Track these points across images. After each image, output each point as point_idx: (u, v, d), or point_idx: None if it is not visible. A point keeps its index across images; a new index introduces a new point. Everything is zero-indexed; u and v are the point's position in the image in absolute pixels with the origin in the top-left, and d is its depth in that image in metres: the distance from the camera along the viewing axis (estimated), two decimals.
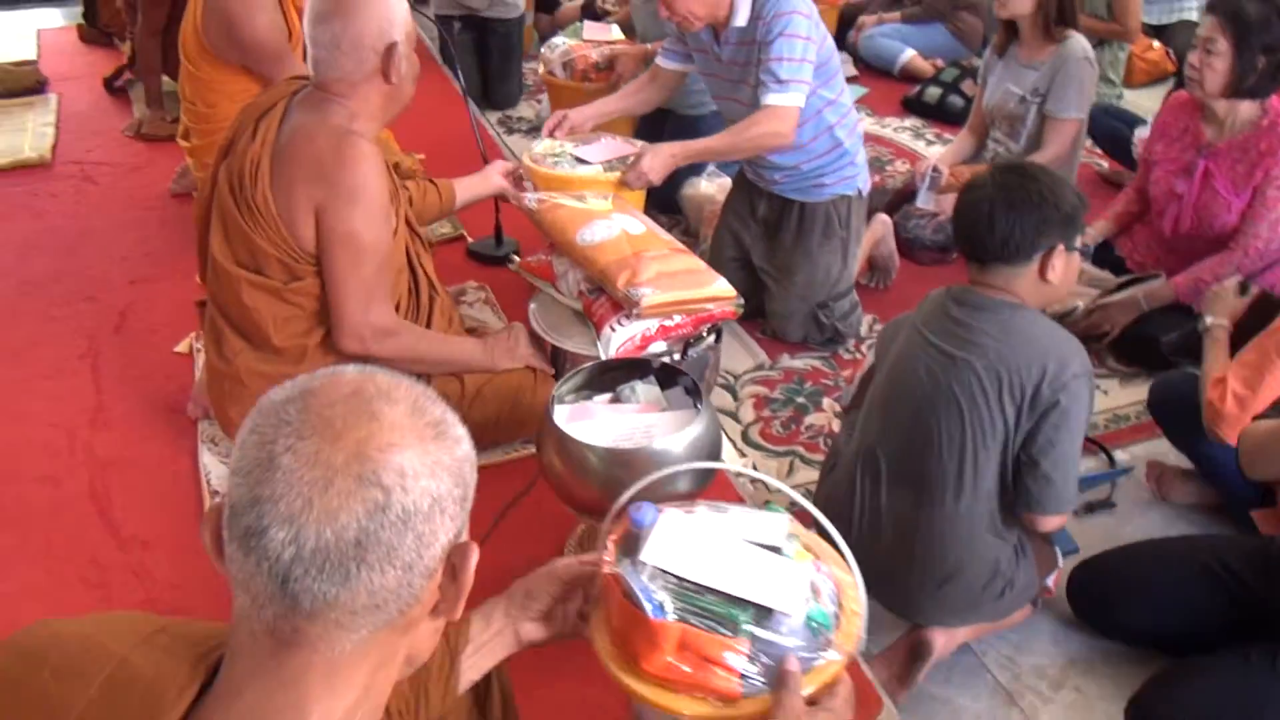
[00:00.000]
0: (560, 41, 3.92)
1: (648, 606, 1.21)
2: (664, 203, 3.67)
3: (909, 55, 4.91)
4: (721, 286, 2.27)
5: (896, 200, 3.56)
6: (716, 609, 1.21)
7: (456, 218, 3.44)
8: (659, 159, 2.65)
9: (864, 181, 2.98)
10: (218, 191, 2.13)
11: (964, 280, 1.91)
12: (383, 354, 2.17)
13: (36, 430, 2.51)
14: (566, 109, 2.97)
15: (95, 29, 5.02)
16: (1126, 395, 2.86)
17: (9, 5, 5.99)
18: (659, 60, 2.95)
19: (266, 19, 2.82)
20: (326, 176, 2.02)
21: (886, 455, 1.87)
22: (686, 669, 1.19)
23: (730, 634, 1.20)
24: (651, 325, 2.22)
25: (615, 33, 3.98)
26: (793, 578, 1.26)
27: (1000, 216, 1.77)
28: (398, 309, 2.26)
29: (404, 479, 0.83)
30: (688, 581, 1.24)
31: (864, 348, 3.03)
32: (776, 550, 1.31)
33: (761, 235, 3.05)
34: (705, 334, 2.29)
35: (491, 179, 2.70)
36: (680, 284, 2.22)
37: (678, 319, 2.24)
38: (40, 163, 3.87)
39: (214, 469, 2.35)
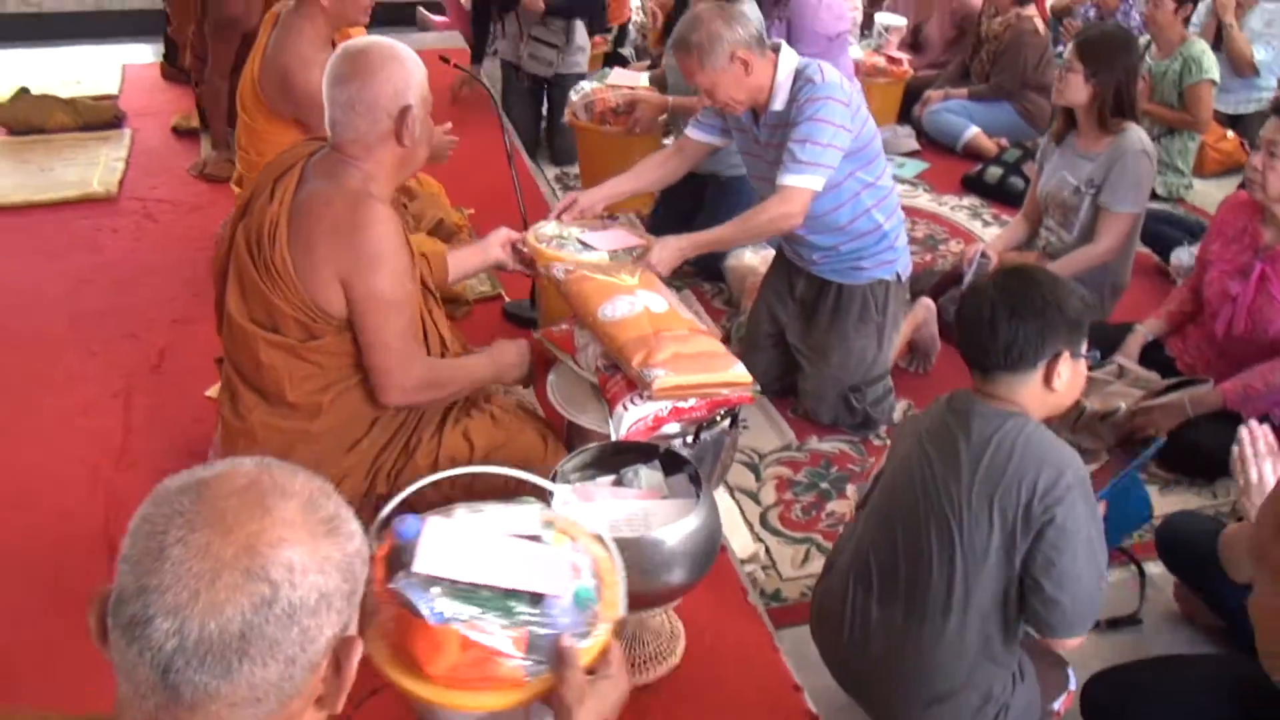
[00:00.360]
0: (586, 85, 3.97)
1: (427, 613, 1.26)
2: (709, 270, 3.67)
3: (973, 133, 4.85)
4: (738, 372, 2.24)
5: (943, 283, 3.49)
6: (492, 604, 1.30)
7: (495, 276, 3.47)
8: (667, 253, 2.62)
9: (904, 266, 2.94)
10: (235, 250, 2.16)
11: None
12: (422, 401, 2.25)
13: (62, 465, 2.56)
14: (578, 192, 2.91)
15: (175, 68, 5.19)
16: (1166, 504, 2.75)
17: (99, 39, 6.24)
18: (689, 131, 2.91)
19: (319, 74, 2.87)
20: (348, 245, 2.04)
21: (879, 565, 1.81)
22: (471, 666, 1.26)
23: (508, 624, 1.28)
24: (665, 407, 2.19)
25: (643, 80, 3.99)
26: (555, 561, 1.39)
27: (1003, 323, 1.71)
28: None
29: (292, 574, 0.85)
30: (461, 583, 1.32)
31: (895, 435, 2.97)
32: (537, 539, 1.44)
33: (798, 314, 3.01)
34: (720, 418, 2.26)
35: (491, 250, 2.64)
36: (696, 367, 2.20)
37: (692, 402, 2.22)
38: (106, 197, 3.99)
39: None
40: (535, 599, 1.32)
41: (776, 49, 2.65)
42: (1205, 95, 4.25)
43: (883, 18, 5.17)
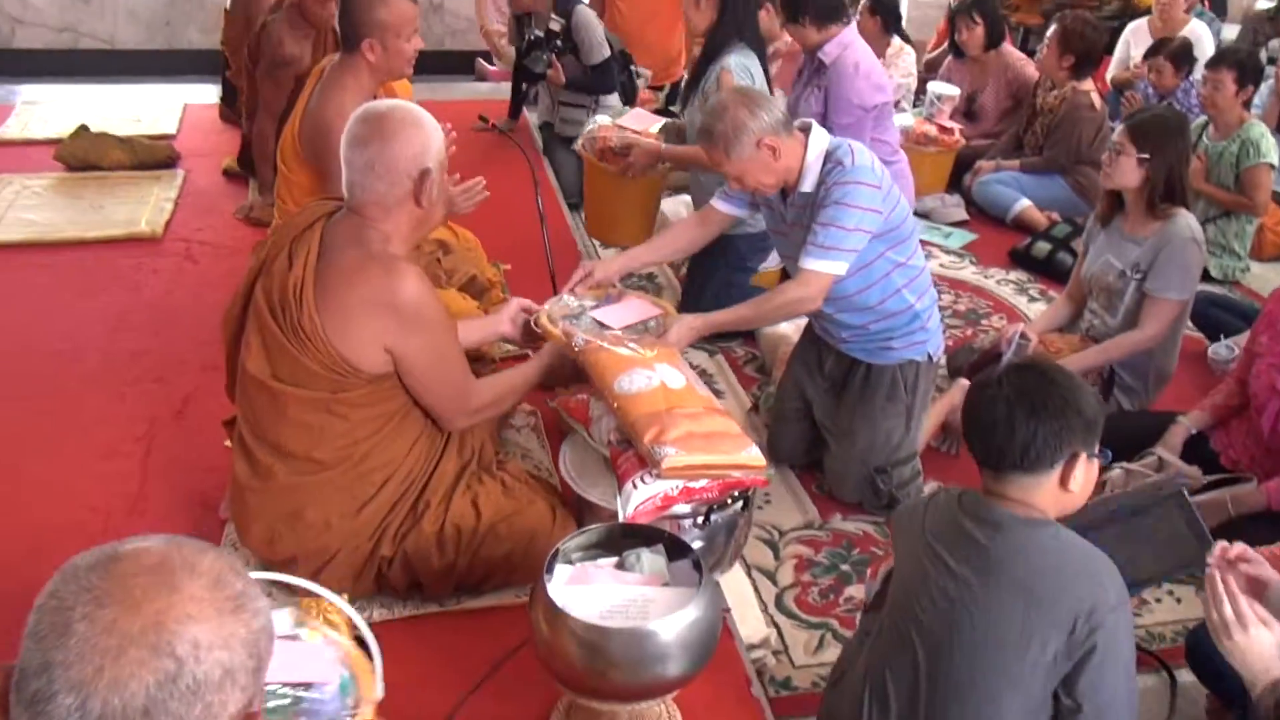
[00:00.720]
0: (600, 119, 4.03)
1: None
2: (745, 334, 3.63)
3: (1024, 205, 4.77)
4: (751, 454, 2.18)
5: (981, 362, 3.40)
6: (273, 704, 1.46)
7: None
8: (683, 331, 2.58)
9: (936, 346, 2.87)
10: (255, 310, 2.17)
11: None
12: (481, 420, 2.40)
13: (76, 512, 2.56)
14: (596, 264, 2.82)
15: (233, 110, 5.28)
16: (1201, 609, 2.62)
17: (166, 77, 6.41)
18: (715, 203, 2.86)
19: None
20: (390, 313, 2.08)
21: (897, 687, 1.73)
22: None
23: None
24: (675, 486, 2.15)
25: (654, 126, 3.96)
26: (317, 655, 1.58)
27: (1021, 423, 1.64)
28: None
29: (198, 650, 0.87)
30: None
31: None
32: (295, 638, 1.61)
33: (826, 391, 2.95)
34: (731, 500, 2.21)
35: (500, 324, 2.66)
36: (709, 447, 2.15)
37: (704, 482, 2.17)
38: (151, 236, 4.05)
39: None
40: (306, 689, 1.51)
41: (806, 129, 2.60)
42: (1264, 179, 4.14)
43: (935, 86, 5.12)
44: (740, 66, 3.45)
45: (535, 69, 4.82)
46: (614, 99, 4.82)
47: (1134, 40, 5.99)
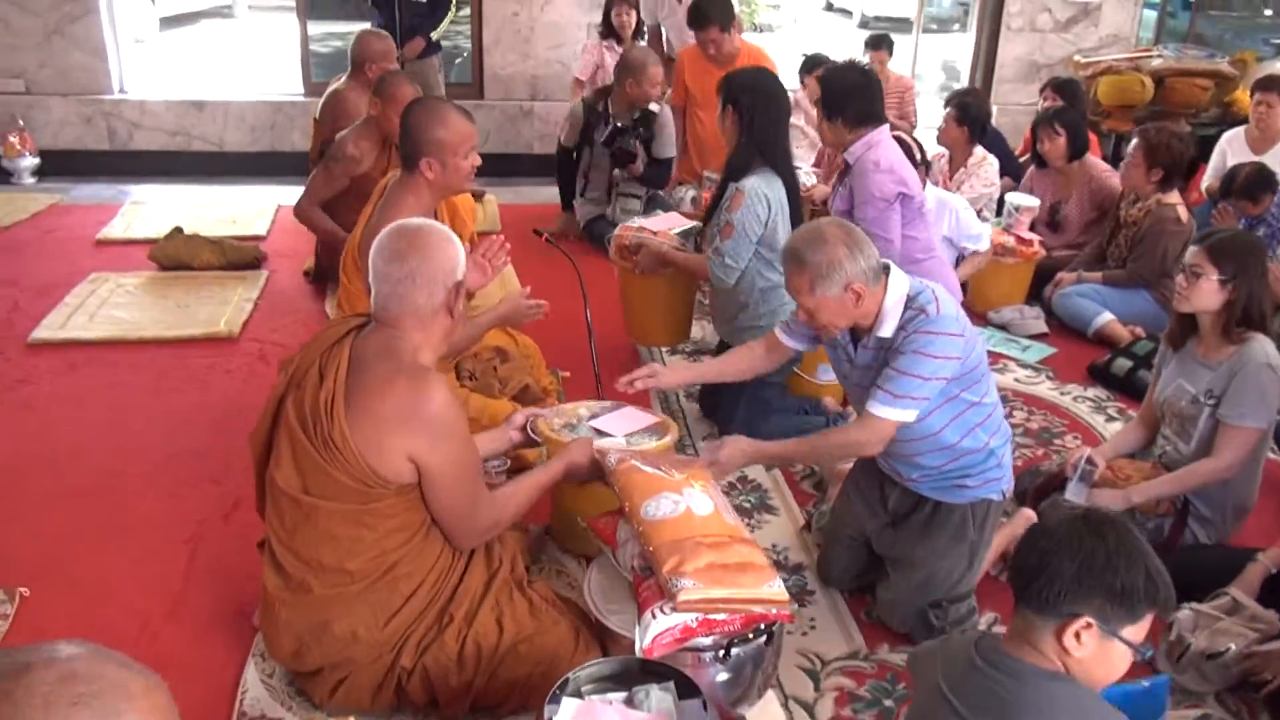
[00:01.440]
0: (633, 220, 4.24)
1: None
2: None
3: (1106, 319, 4.62)
4: (774, 589, 2.11)
5: (1046, 486, 3.28)
6: None
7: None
8: (734, 454, 2.54)
9: (1007, 484, 2.74)
10: (284, 425, 2.22)
11: None
12: (491, 537, 2.40)
13: (116, 614, 2.61)
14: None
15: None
16: None
17: (265, 178, 6.70)
18: (779, 335, 2.82)
19: None
20: (419, 424, 2.12)
21: None
22: None
23: None
24: (695, 618, 2.08)
25: (677, 230, 4.05)
26: None
27: (1052, 557, 1.57)
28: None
29: None
30: None
31: None
32: None
33: (888, 525, 2.83)
34: (753, 635, 2.13)
35: (509, 432, 2.71)
36: (730, 580, 2.09)
37: (725, 614, 2.10)
38: (228, 336, 4.18)
39: (252, 688, 2.36)
40: None
41: (886, 270, 2.52)
42: None
43: (1013, 197, 5.04)
44: (755, 189, 3.48)
45: (627, 147, 5.28)
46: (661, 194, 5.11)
47: (1230, 150, 5.82)
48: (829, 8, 19.60)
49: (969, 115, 5.43)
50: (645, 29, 6.52)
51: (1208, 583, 2.76)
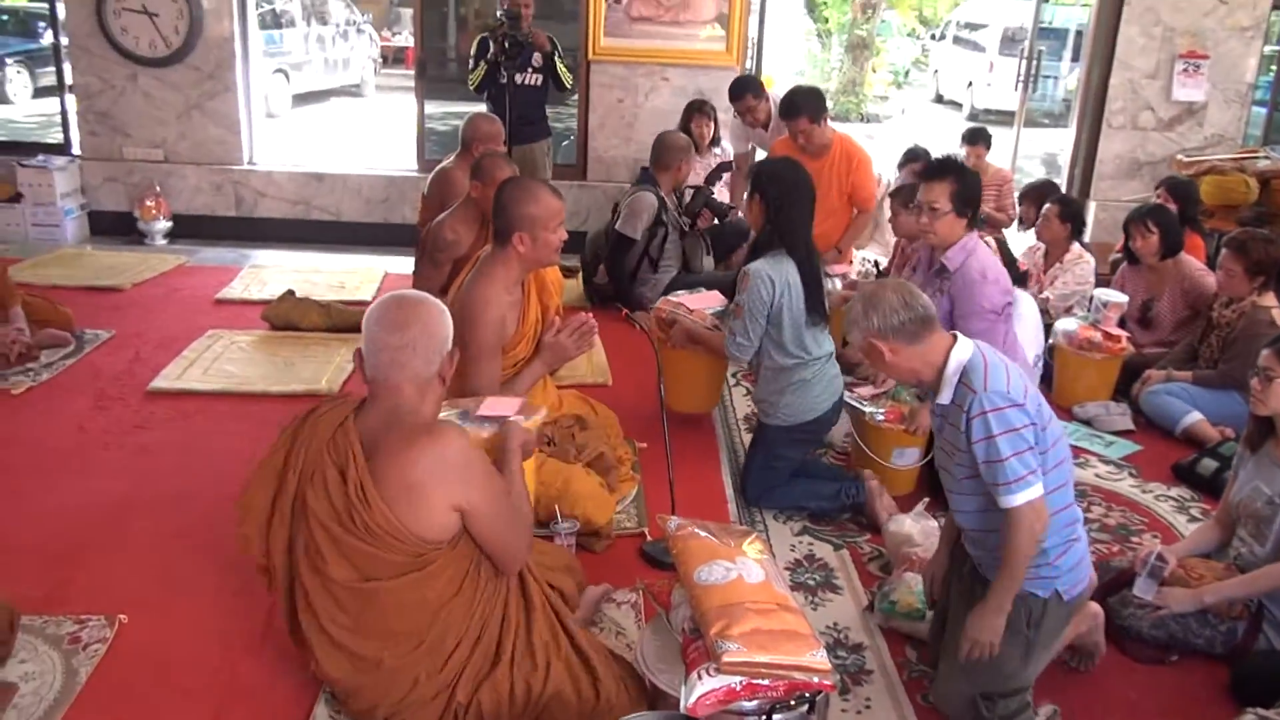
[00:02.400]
0: (677, 296, 4.42)
1: None
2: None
3: (1195, 419, 4.56)
4: (818, 658, 2.17)
5: (1115, 583, 3.24)
6: None
7: (645, 513, 3.55)
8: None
9: (1068, 586, 2.65)
10: (315, 523, 2.31)
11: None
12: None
13: (203, 645, 2.80)
14: None
15: None
16: None
17: (377, 248, 7.06)
18: None
19: (496, 314, 3.12)
20: (451, 474, 2.26)
21: None
22: None
23: None
24: (739, 681, 2.15)
25: (711, 309, 4.24)
26: None
27: None
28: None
29: None
30: None
31: None
32: None
33: (961, 595, 2.83)
34: (795, 702, 2.19)
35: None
36: (774, 646, 2.16)
37: (769, 680, 2.17)
38: (328, 393, 4.40)
39: None
40: None
41: (948, 332, 2.59)
42: None
43: (1101, 293, 5.03)
44: (759, 272, 3.61)
45: (712, 205, 5.91)
46: None
47: None
48: (939, 100, 19.75)
49: (1072, 211, 5.53)
50: (720, 144, 6.83)
51: (1277, 689, 2.71)
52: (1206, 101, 7.25)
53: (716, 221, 6.05)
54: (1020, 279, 4.82)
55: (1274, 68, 8.44)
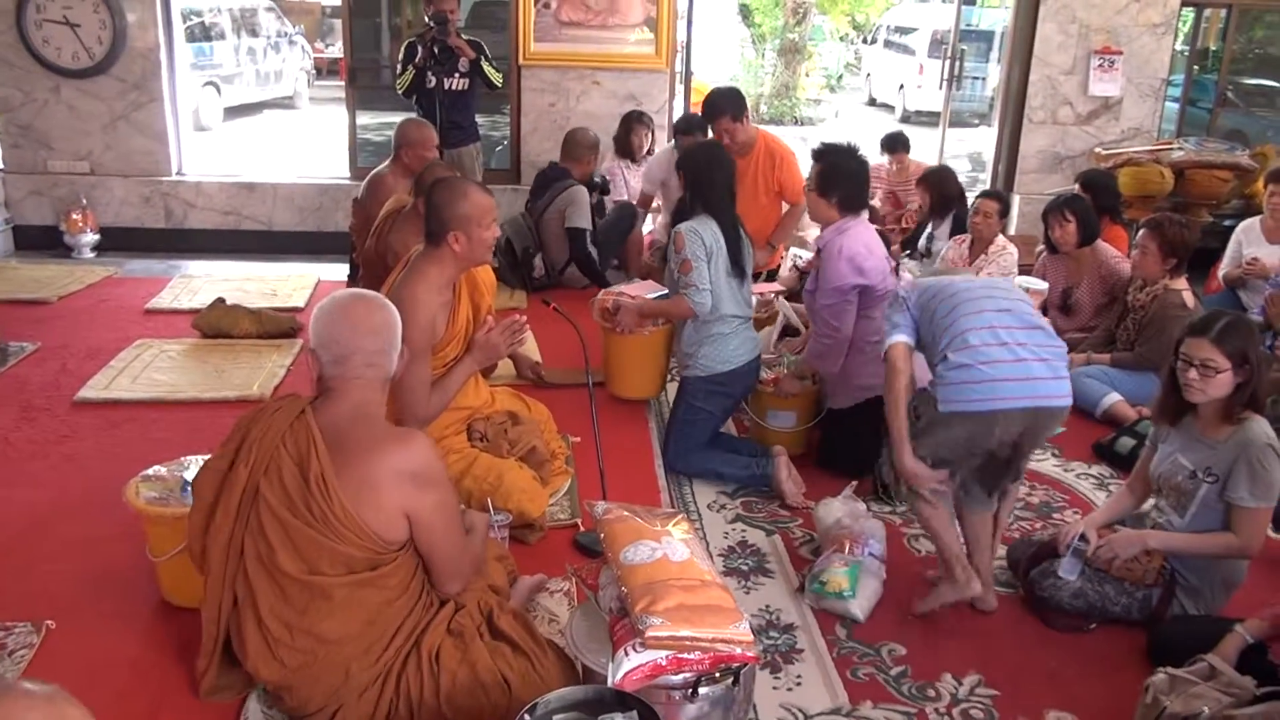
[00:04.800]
0: (617, 288, 4.67)
1: None
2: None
3: (1114, 400, 4.70)
4: (741, 630, 2.22)
5: (1037, 556, 3.34)
6: None
7: (578, 505, 3.59)
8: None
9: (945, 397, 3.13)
10: (269, 516, 2.30)
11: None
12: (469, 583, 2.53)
13: (135, 649, 2.78)
14: None
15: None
16: None
17: (310, 256, 7.02)
18: None
19: (426, 315, 3.13)
20: (411, 478, 2.28)
21: None
22: None
23: None
24: (665, 656, 2.19)
25: (651, 294, 4.46)
26: None
27: None
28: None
29: None
30: None
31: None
32: None
33: None
34: (720, 675, 2.23)
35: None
36: (698, 620, 2.20)
37: (695, 654, 2.21)
38: (260, 399, 4.38)
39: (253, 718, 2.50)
40: None
41: None
42: None
43: (1022, 281, 5.17)
44: (688, 228, 3.94)
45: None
46: None
47: (1245, 239, 5.92)
48: (871, 103, 20.04)
49: (1006, 207, 5.77)
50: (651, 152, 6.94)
51: (1190, 651, 2.81)
52: (1122, 96, 7.46)
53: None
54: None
55: (1196, 65, 8.70)
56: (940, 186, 6.33)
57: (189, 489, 2.84)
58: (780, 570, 3.47)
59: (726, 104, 5.48)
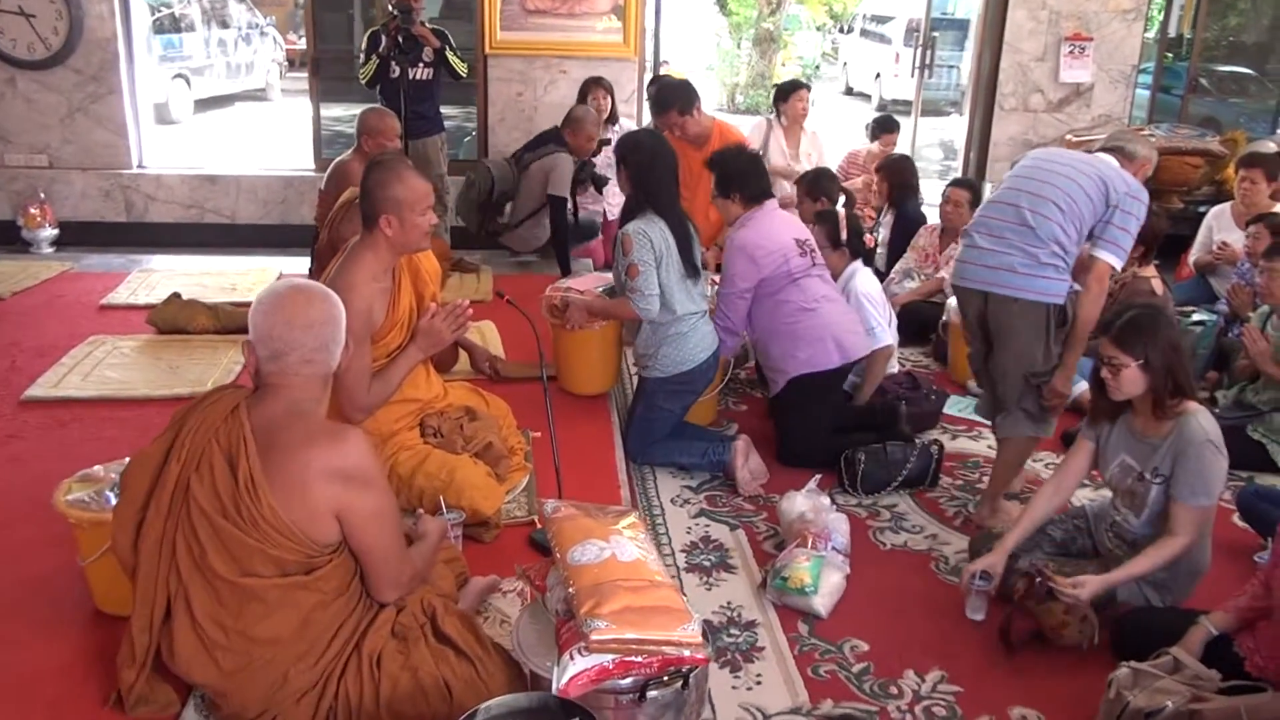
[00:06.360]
0: (564, 283, 4.58)
1: None
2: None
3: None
4: (690, 632, 2.16)
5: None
6: None
7: (536, 501, 3.51)
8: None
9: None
10: (198, 516, 2.20)
11: None
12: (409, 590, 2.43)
13: (89, 643, 2.70)
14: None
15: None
16: None
17: (275, 250, 6.89)
18: None
19: (361, 303, 3.03)
20: (341, 478, 2.19)
21: None
22: None
23: None
24: (611, 659, 2.12)
25: (598, 287, 4.44)
26: None
27: None
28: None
29: None
30: None
31: None
32: None
33: None
34: (669, 678, 2.16)
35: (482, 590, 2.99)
36: (644, 622, 2.14)
37: (643, 657, 2.14)
38: None
39: None
40: None
41: None
42: None
43: None
44: (636, 229, 3.89)
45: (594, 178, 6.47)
46: None
47: (1217, 225, 5.91)
48: (849, 92, 20.00)
49: (977, 197, 5.76)
50: (618, 119, 6.84)
51: (1156, 643, 2.76)
52: (1093, 83, 7.43)
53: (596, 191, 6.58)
54: (866, 254, 4.91)
55: (1169, 52, 8.68)
56: (898, 175, 6.29)
57: (114, 492, 2.77)
58: (743, 566, 3.41)
59: (673, 97, 5.33)
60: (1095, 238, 3.44)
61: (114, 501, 2.75)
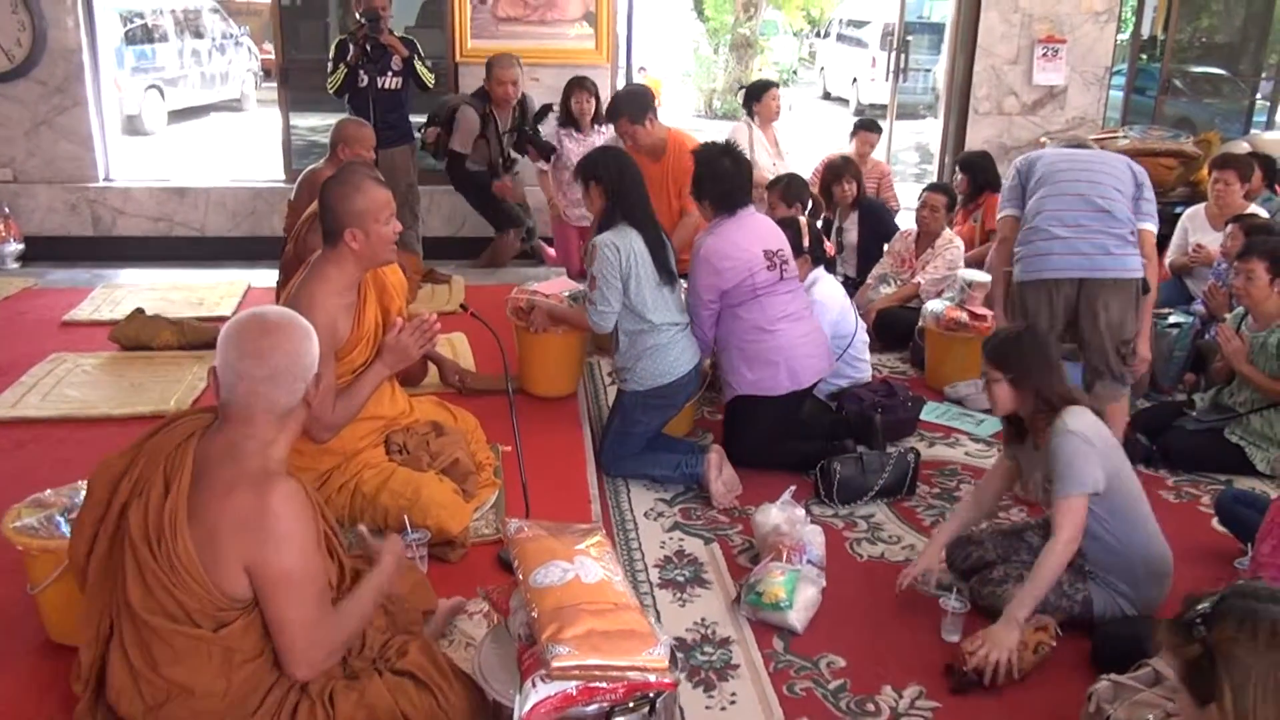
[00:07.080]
0: (531, 285, 4.65)
1: None
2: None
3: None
4: (656, 656, 2.09)
5: (977, 565, 3.25)
6: None
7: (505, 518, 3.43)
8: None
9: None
10: (128, 541, 2.07)
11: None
12: (330, 666, 2.19)
13: (54, 665, 2.62)
14: None
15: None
16: None
17: (245, 262, 6.80)
18: None
19: (325, 318, 2.94)
20: (255, 535, 2.02)
21: None
22: None
23: None
24: (574, 686, 2.06)
25: (565, 293, 4.49)
26: None
27: None
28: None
29: None
30: None
31: None
32: None
33: None
34: (634, 704, 2.10)
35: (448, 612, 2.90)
36: (609, 648, 2.07)
37: (607, 683, 2.07)
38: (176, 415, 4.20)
39: None
40: None
41: None
42: None
43: (966, 273, 5.08)
44: (604, 241, 3.83)
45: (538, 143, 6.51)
46: None
47: (1191, 226, 5.89)
48: (826, 96, 20.02)
49: (952, 200, 5.75)
50: (602, 120, 6.37)
51: (1134, 655, 2.72)
52: (1067, 85, 7.42)
53: (543, 161, 6.50)
54: (827, 262, 4.85)
55: (1143, 53, 8.69)
56: (862, 179, 6.30)
57: (64, 517, 2.68)
58: (718, 580, 3.34)
59: (625, 105, 5.06)
60: (1135, 213, 3.81)
61: (64, 528, 2.67)
